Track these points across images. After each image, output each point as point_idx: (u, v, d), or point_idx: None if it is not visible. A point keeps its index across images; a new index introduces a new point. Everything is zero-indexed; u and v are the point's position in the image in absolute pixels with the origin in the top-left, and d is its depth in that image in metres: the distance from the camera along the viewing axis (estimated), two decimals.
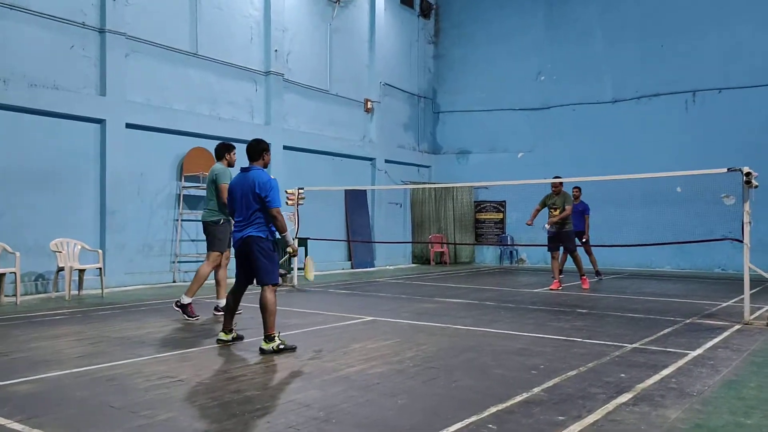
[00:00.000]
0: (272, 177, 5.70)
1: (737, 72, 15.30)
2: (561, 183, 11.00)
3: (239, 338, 6.05)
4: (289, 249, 5.99)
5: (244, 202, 5.63)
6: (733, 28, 15.37)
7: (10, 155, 9.84)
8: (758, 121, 14.88)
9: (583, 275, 11.50)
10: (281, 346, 5.54)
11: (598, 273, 12.96)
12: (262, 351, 5.52)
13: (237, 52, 13.50)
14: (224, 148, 7.63)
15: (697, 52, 15.78)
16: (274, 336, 5.55)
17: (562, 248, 11.50)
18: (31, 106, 9.98)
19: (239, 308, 6.44)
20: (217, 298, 7.69)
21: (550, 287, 11.07)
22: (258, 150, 5.80)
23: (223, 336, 5.90)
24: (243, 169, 5.79)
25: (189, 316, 7.29)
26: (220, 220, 7.37)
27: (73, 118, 10.58)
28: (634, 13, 16.71)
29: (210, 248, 7.42)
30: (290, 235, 5.98)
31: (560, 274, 11.43)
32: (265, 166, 5.85)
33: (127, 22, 11.30)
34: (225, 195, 6.70)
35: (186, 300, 7.29)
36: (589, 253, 12.82)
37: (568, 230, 11.19)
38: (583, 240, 12.51)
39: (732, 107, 15.28)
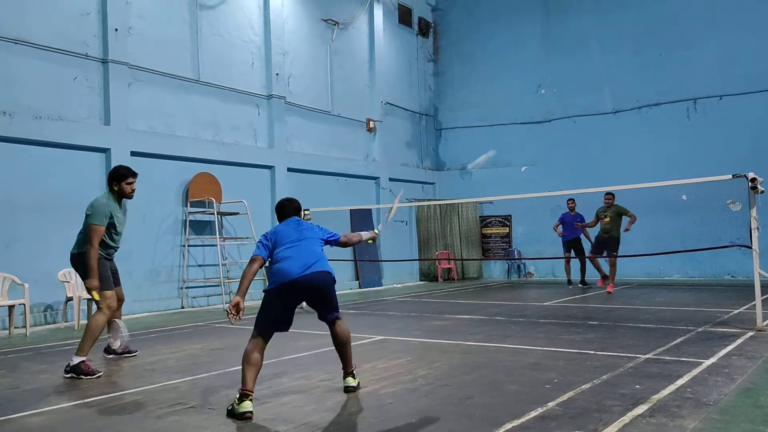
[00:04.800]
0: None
1: (737, 78, 15.32)
2: (613, 196, 12.49)
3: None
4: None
5: (305, 241, 4.94)
6: (731, 35, 15.43)
7: (16, 187, 9.90)
8: (760, 126, 14.88)
9: (610, 281, 12.52)
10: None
11: (584, 282, 13.93)
12: (353, 389, 4.88)
13: (239, 77, 13.62)
14: (111, 177, 6.35)
15: (696, 59, 15.83)
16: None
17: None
18: (36, 137, 10.07)
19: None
20: (113, 339, 6.72)
21: (607, 290, 12.07)
22: (295, 208, 5.35)
23: (250, 406, 4.33)
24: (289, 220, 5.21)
25: (86, 374, 5.78)
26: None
27: (78, 149, 10.66)
28: (630, 24, 16.80)
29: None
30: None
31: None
32: None
33: (129, 51, 11.42)
34: (94, 238, 6.01)
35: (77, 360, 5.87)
36: (587, 261, 13.78)
37: (617, 236, 12.19)
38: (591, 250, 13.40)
39: (733, 114, 15.29)
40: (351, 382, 4.90)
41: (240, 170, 13.36)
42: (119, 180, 6.30)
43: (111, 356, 6.70)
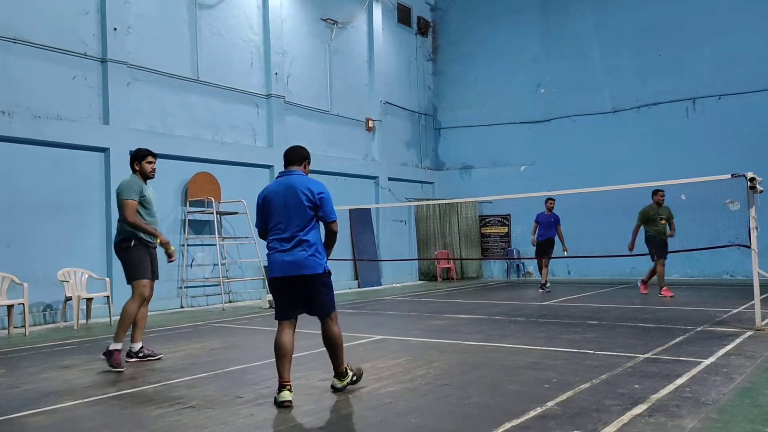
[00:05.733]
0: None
1: (736, 78, 15.34)
2: (664, 194, 11.44)
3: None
4: None
5: (287, 214, 4.66)
6: (730, 35, 15.44)
7: (16, 187, 9.90)
8: (759, 126, 14.89)
9: (646, 282, 12.09)
10: (354, 378, 4.94)
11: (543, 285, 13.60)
12: (336, 389, 4.84)
13: (238, 77, 13.61)
14: (132, 158, 6.52)
15: (695, 59, 15.85)
16: (346, 370, 4.88)
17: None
18: (35, 137, 10.06)
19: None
20: (132, 341, 6.48)
21: (669, 295, 11.13)
22: (299, 156, 4.88)
23: (288, 396, 4.49)
24: (281, 174, 4.85)
25: (112, 366, 5.97)
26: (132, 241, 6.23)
27: (77, 148, 10.66)
28: (629, 24, 16.82)
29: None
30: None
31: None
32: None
33: (128, 51, 11.41)
34: (130, 212, 6.13)
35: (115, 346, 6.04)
36: (546, 265, 13.60)
37: (667, 239, 11.50)
38: (564, 251, 13.17)
39: (732, 113, 15.32)
40: (335, 383, 4.89)
41: (239, 170, 13.35)
42: (140, 159, 6.46)
43: (133, 360, 6.39)
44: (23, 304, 9.01)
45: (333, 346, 4.81)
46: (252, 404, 4.58)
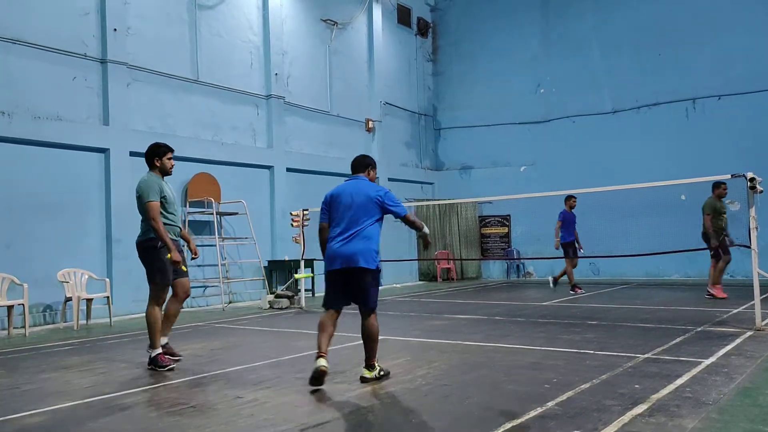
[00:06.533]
0: None
1: (736, 78, 15.34)
2: (727, 187, 10.45)
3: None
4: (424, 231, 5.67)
5: (351, 211, 5.19)
6: (730, 35, 15.45)
7: (16, 187, 9.90)
8: (759, 126, 14.89)
9: (719, 283, 10.82)
10: (381, 373, 5.24)
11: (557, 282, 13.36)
12: (364, 379, 5.16)
13: (238, 77, 13.62)
14: (151, 153, 6.22)
15: (695, 59, 15.85)
16: (375, 364, 5.23)
17: None
18: (35, 138, 10.06)
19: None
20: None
21: (724, 296, 10.46)
22: (364, 164, 5.54)
23: (323, 362, 4.97)
24: (349, 178, 5.52)
25: (161, 366, 5.96)
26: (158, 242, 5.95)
27: (77, 149, 10.65)
28: (629, 24, 16.82)
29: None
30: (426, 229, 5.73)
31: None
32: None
33: (128, 51, 11.41)
34: (155, 214, 5.90)
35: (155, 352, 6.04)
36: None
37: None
38: (581, 250, 12.68)
39: (732, 114, 15.31)
40: (364, 373, 5.21)
41: (239, 170, 13.35)
42: (161, 155, 6.22)
43: (177, 358, 6.18)
44: (23, 304, 9.01)
45: (370, 339, 5.19)
46: (253, 404, 4.58)
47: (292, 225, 12.06)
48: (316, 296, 14.04)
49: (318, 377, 4.94)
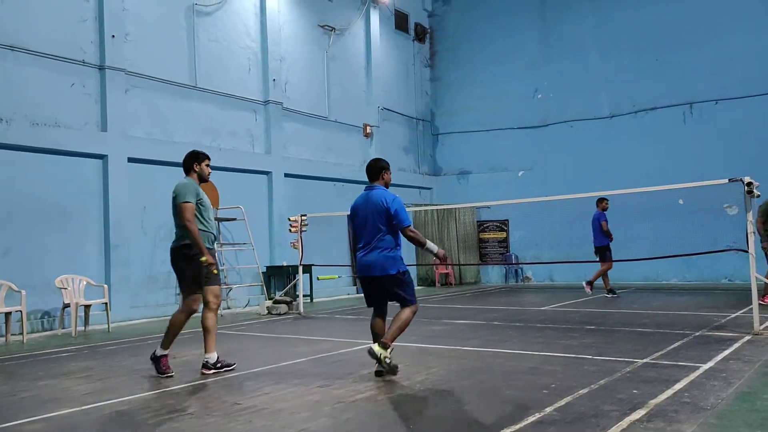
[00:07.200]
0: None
1: (733, 83, 15.39)
2: None
3: (390, 370, 5.46)
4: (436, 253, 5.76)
5: (367, 223, 5.61)
6: (726, 40, 15.51)
7: (13, 193, 9.89)
8: (756, 130, 14.93)
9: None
10: (389, 360, 5.42)
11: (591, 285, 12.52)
12: (371, 353, 5.43)
13: (236, 83, 13.64)
14: (190, 159, 6.30)
15: (692, 64, 15.90)
16: (390, 346, 5.46)
17: None
18: (33, 144, 10.06)
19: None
20: (206, 351, 6.22)
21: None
22: (377, 169, 5.77)
23: (376, 347, 5.43)
24: (366, 188, 5.77)
25: (159, 372, 5.97)
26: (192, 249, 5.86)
27: (75, 155, 10.66)
28: (626, 29, 16.88)
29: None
30: (430, 244, 5.69)
31: None
32: (386, 186, 5.78)
33: (126, 58, 11.43)
34: (189, 215, 5.85)
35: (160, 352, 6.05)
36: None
37: None
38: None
39: (729, 118, 15.36)
40: (374, 347, 5.44)
41: (237, 176, 13.36)
42: (200, 161, 6.28)
43: (211, 371, 6.06)
44: (21, 311, 8.99)
45: (398, 325, 5.53)
46: (250, 411, 4.58)
47: (290, 230, 12.06)
48: (315, 302, 14.03)
49: (371, 354, 5.42)
